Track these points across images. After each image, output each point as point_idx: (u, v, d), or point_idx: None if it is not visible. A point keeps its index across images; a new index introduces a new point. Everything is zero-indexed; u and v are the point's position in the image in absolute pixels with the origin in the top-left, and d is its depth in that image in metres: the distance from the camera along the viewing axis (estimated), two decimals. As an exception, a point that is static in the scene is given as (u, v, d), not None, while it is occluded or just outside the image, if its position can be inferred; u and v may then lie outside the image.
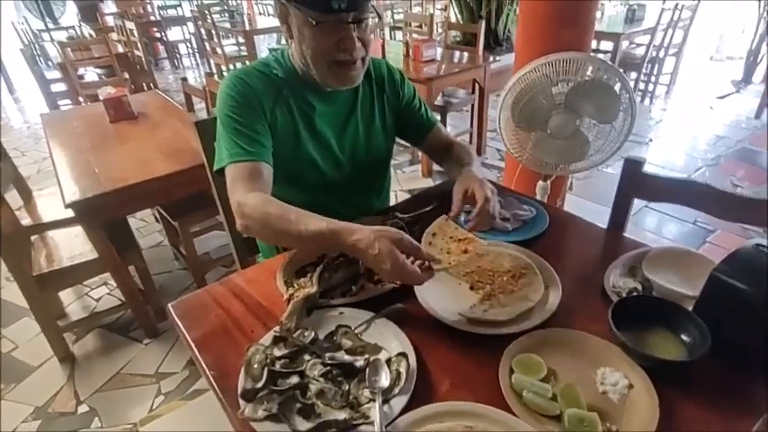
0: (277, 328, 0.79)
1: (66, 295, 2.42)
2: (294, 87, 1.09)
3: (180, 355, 2.04)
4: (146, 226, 3.09)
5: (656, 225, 2.81)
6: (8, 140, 2.40)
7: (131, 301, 2.07)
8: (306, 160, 1.12)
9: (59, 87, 4.60)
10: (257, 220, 0.92)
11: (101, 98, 2.51)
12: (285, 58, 1.11)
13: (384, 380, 0.69)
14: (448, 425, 0.63)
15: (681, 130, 4.11)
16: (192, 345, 0.82)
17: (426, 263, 0.80)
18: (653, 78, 4.70)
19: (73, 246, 2.01)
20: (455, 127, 4.09)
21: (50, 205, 2.25)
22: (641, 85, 4.70)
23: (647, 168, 1.12)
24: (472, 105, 3.73)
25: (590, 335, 0.76)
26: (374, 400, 0.66)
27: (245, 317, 0.88)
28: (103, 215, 1.85)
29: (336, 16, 0.93)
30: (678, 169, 3.43)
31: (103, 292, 2.47)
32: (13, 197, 2.03)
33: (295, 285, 0.87)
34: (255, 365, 0.72)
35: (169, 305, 0.91)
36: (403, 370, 0.70)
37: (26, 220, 2.15)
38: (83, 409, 1.83)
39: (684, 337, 0.73)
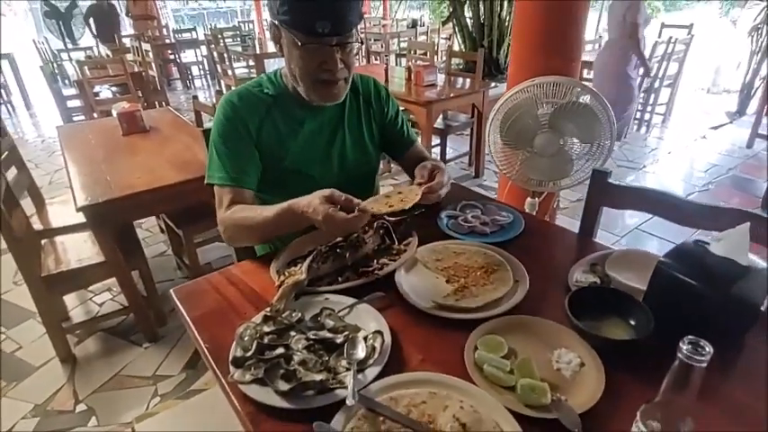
0: (267, 309, 0.87)
1: (70, 300, 2.49)
2: (283, 104, 1.20)
3: (178, 359, 2.10)
4: (151, 236, 3.18)
5: (646, 246, 2.88)
6: (22, 153, 2.51)
7: (134, 305, 2.14)
8: (295, 171, 1.22)
9: (75, 103, 4.79)
10: (233, 228, 1.11)
11: (114, 113, 2.63)
12: (277, 77, 1.23)
13: (360, 352, 0.76)
14: (415, 390, 0.71)
15: (676, 158, 4.22)
16: (190, 323, 0.90)
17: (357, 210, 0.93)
18: (649, 108, 4.83)
19: (81, 250, 2.10)
20: (455, 150, 4.19)
21: (61, 213, 2.36)
22: (638, 114, 4.83)
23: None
24: (471, 129, 3.85)
25: (550, 321, 0.84)
26: (350, 369, 0.73)
27: (240, 301, 0.96)
28: (113, 220, 1.94)
29: (321, 39, 1.03)
30: (671, 195, 3.50)
31: (106, 298, 2.55)
32: (26, 204, 2.13)
33: (286, 273, 0.95)
34: (246, 338, 0.80)
35: (171, 290, 0.99)
36: (378, 345, 0.78)
37: (37, 226, 2.25)
38: (81, 408, 1.89)
39: (632, 322, 0.81)
